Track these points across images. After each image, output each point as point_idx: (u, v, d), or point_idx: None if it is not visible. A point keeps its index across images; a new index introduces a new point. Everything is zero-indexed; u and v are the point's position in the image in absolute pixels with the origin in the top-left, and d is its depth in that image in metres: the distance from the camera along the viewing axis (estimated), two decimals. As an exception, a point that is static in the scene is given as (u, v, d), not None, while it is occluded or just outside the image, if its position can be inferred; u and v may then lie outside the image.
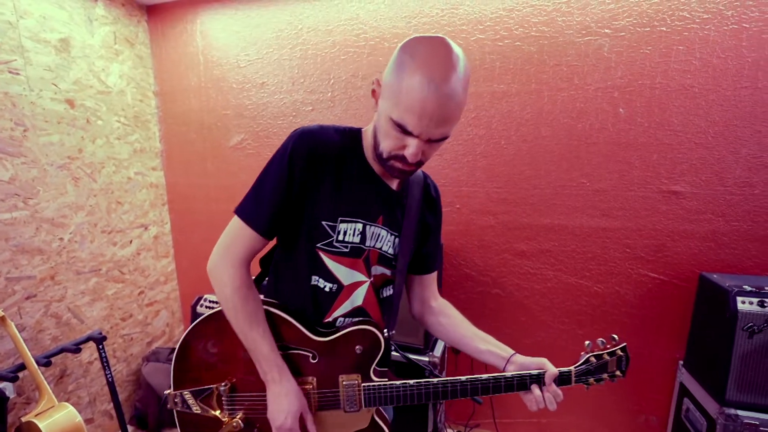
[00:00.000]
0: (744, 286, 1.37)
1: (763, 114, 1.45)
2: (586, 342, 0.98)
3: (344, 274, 0.86)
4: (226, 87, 2.09)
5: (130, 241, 2.12)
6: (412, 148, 0.72)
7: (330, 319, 0.88)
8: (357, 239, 0.85)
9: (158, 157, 2.28)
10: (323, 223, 0.83)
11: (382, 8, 1.77)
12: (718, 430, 1.41)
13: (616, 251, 1.68)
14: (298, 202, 0.81)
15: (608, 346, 0.98)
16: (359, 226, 0.85)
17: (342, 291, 0.87)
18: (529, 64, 1.62)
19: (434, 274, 1.05)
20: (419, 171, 0.93)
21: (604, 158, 1.61)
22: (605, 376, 0.99)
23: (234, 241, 0.82)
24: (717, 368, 1.41)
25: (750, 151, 1.48)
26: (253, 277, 0.91)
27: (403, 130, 0.71)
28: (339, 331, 0.86)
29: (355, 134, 0.86)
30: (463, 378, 0.89)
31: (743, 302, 1.34)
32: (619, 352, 0.99)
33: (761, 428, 1.34)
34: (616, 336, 0.99)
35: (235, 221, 0.82)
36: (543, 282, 1.77)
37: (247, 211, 0.82)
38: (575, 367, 0.96)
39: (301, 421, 0.83)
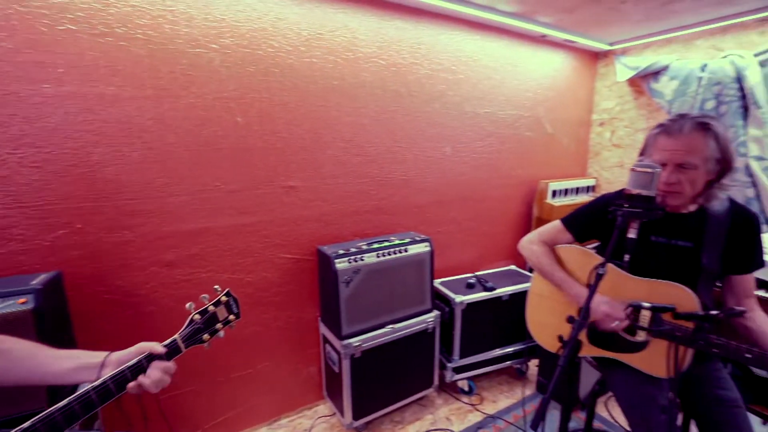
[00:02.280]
0: (339, 251, 1.90)
1: (334, 125, 2.02)
2: (187, 304, 1.01)
3: None
4: None
5: None
6: None
7: None
8: None
9: None
10: None
11: None
12: (342, 357, 1.92)
13: (257, 243, 1.92)
14: None
15: (212, 298, 1.05)
16: None
17: None
18: (140, 68, 1.54)
19: None
20: None
21: (233, 162, 1.78)
22: (219, 326, 1.07)
23: None
24: (334, 314, 1.91)
25: (333, 152, 2.05)
26: None
27: None
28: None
29: None
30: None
31: (340, 263, 1.86)
32: (224, 298, 1.08)
33: (363, 345, 1.94)
34: (218, 286, 1.08)
35: None
36: (199, 286, 1.79)
37: None
38: (179, 333, 1.01)
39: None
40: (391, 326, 2.03)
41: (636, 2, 2.12)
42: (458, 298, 2.20)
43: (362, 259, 1.91)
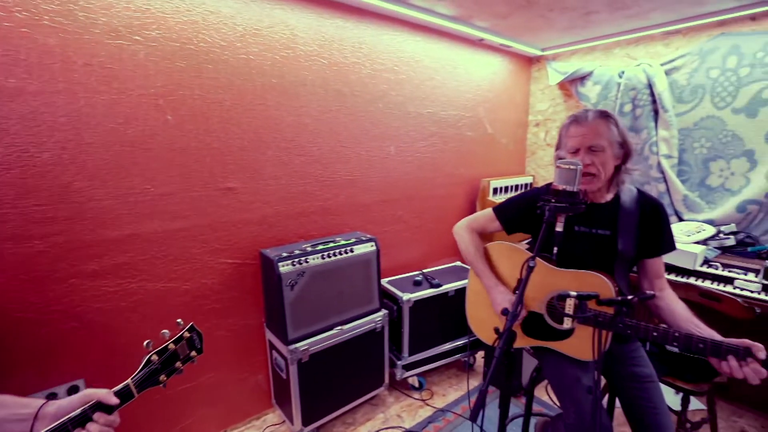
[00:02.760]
0: (283, 254, 1.85)
1: (274, 125, 1.96)
2: (145, 342, 0.94)
3: None
4: None
5: None
6: None
7: None
8: None
9: None
10: None
11: None
12: (289, 363, 1.87)
13: (194, 248, 1.81)
14: None
15: (174, 334, 0.98)
16: None
17: None
18: (49, 58, 1.39)
19: None
20: None
21: (164, 163, 1.67)
22: (179, 364, 1.01)
23: None
24: (279, 319, 1.86)
25: (273, 153, 1.98)
26: None
27: None
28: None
29: None
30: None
31: (283, 266, 1.81)
32: (187, 334, 1.02)
33: (311, 349, 1.90)
34: (180, 320, 1.01)
35: None
36: (128, 297, 1.65)
37: None
38: (133, 378, 0.94)
39: None
40: (339, 328, 2.01)
41: (561, 11, 2.28)
42: (405, 296, 2.22)
43: (307, 261, 1.87)
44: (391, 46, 2.35)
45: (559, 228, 1.09)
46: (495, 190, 2.97)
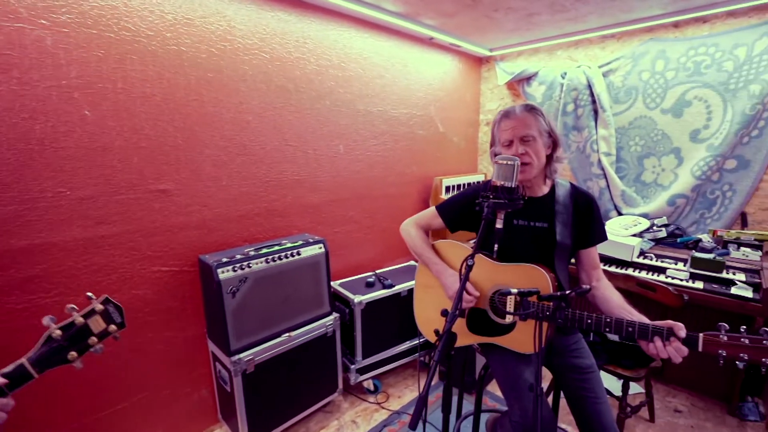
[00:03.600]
0: (223, 259, 1.73)
1: (212, 122, 1.83)
2: (45, 318, 0.83)
3: None
4: None
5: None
6: None
7: None
8: None
9: None
10: None
11: None
12: (233, 375, 1.76)
13: (123, 256, 1.65)
14: None
15: (82, 309, 0.87)
16: None
17: None
18: (-69, 43, 1.20)
19: None
20: None
21: (82, 163, 1.50)
22: (94, 339, 0.88)
23: None
24: (221, 328, 1.74)
25: (212, 152, 1.86)
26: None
27: None
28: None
29: None
30: None
31: (223, 272, 1.70)
32: (100, 306, 0.89)
33: (256, 358, 1.80)
34: (91, 293, 0.90)
35: None
36: (41, 314, 1.47)
37: None
38: (27, 356, 0.82)
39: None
40: (287, 335, 1.92)
41: (506, 12, 2.32)
42: (357, 299, 2.17)
43: (249, 266, 1.77)
44: (338, 42, 2.29)
45: (499, 225, 1.08)
46: (447, 189, 2.99)
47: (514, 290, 1.08)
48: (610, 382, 2.23)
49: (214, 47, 1.79)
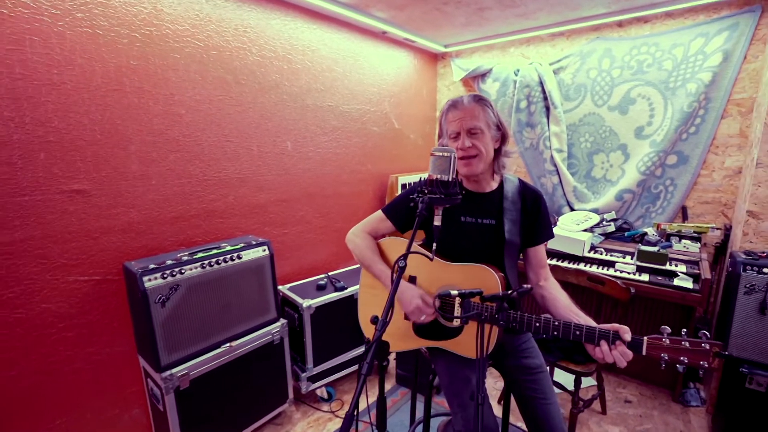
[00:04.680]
0: (150, 265, 1.57)
1: (137, 115, 1.66)
2: None
3: None
4: None
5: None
6: None
7: None
8: None
9: None
10: None
11: None
12: (164, 392, 1.60)
13: (30, 266, 1.46)
14: None
15: None
16: None
17: None
18: None
19: None
20: None
21: (-29, 160, 1.30)
22: None
23: None
24: (149, 342, 1.58)
25: (138, 148, 1.69)
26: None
27: None
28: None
29: None
30: None
31: (150, 280, 1.54)
32: None
33: (191, 373, 1.65)
34: None
35: None
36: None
37: None
38: None
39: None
40: (227, 345, 1.77)
41: (456, 5, 2.28)
42: (306, 303, 2.06)
43: (182, 273, 1.61)
44: (282, 32, 2.16)
45: (437, 222, 1.01)
46: (404, 186, 2.92)
47: (454, 291, 1.01)
48: (564, 377, 2.24)
49: (137, 32, 1.62)
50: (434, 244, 1.02)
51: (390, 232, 1.43)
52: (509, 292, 1.01)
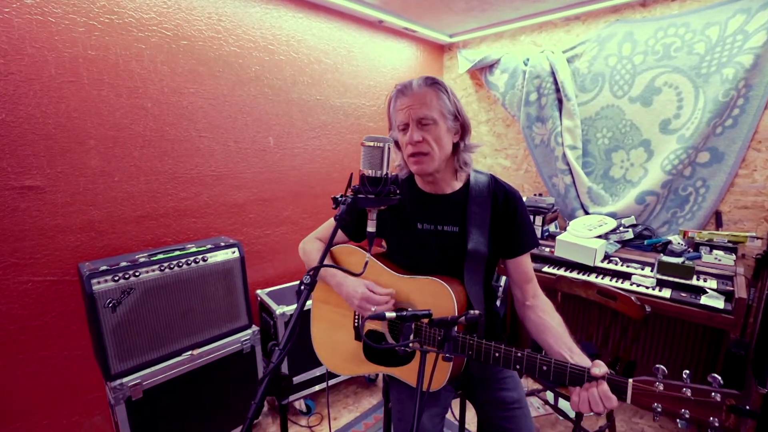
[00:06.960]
0: (101, 267, 1.47)
1: (96, 108, 1.58)
2: None
3: None
4: None
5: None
6: None
7: None
8: None
9: None
10: None
11: None
12: (114, 403, 1.50)
13: (-24, 265, 1.40)
14: None
15: None
16: None
17: None
18: None
19: None
20: None
21: None
22: None
23: None
24: (100, 348, 1.48)
25: (98, 143, 1.60)
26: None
27: None
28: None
29: None
30: None
31: (98, 282, 1.44)
32: None
33: (145, 383, 1.55)
34: None
35: None
36: None
37: None
38: None
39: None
40: (189, 353, 1.66)
41: (452, -12, 2.07)
42: (279, 310, 1.92)
43: (137, 275, 1.51)
44: (263, 21, 2.03)
45: (371, 228, 0.84)
46: (402, 186, 2.74)
47: (391, 314, 0.83)
48: (568, 404, 1.99)
49: (95, 20, 1.54)
50: (367, 254, 0.84)
51: (344, 241, 1.26)
52: (456, 316, 0.81)
